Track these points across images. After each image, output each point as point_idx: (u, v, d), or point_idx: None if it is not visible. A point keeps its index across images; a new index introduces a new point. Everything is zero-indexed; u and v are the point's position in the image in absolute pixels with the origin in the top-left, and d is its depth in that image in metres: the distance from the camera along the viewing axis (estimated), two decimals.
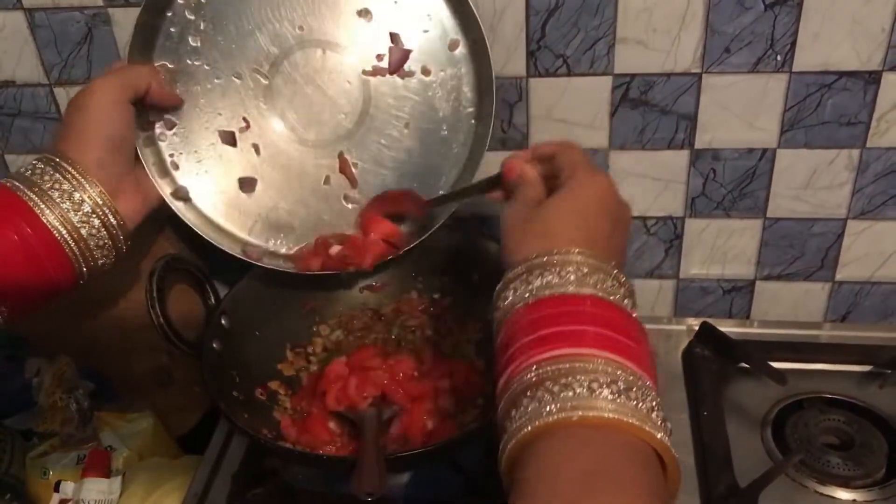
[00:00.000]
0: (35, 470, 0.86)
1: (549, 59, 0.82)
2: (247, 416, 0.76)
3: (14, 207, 0.65)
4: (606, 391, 0.49)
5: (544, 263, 0.56)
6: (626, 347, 0.52)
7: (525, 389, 0.50)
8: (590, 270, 0.55)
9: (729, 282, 0.95)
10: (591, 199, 0.61)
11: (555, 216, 0.59)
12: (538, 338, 0.52)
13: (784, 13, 0.78)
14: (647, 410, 0.49)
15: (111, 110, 0.70)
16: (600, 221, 0.60)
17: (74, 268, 0.67)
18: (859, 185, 0.87)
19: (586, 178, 0.61)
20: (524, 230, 0.60)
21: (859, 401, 0.84)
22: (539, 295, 0.55)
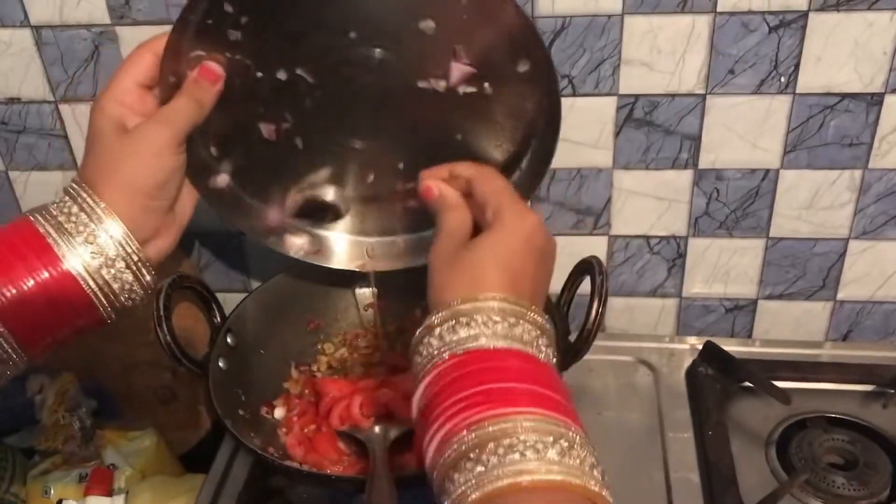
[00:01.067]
0: (37, 488, 0.86)
1: None
2: (253, 434, 0.76)
3: (35, 249, 0.61)
4: (553, 452, 0.49)
5: (470, 311, 0.55)
6: (556, 403, 0.52)
7: (467, 452, 0.49)
8: (515, 320, 0.55)
9: (731, 301, 0.96)
10: (518, 241, 0.60)
11: (482, 259, 0.58)
12: (471, 395, 0.52)
13: (788, 36, 0.79)
14: (590, 467, 0.49)
15: (170, 160, 0.65)
16: (527, 263, 0.59)
17: (98, 310, 0.64)
18: (861, 206, 0.87)
19: (514, 218, 0.60)
20: (450, 271, 0.59)
21: (863, 420, 0.85)
22: (466, 346, 0.54)
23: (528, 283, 0.59)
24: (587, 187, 0.89)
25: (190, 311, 0.87)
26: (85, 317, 0.64)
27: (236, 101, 0.71)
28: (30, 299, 0.60)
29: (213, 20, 0.67)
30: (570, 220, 0.91)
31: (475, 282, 0.57)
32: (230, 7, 0.66)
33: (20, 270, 0.60)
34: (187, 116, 0.66)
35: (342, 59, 0.69)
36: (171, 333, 0.75)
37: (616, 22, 0.79)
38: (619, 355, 0.95)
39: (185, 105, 0.66)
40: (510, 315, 0.55)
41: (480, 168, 0.66)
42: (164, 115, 0.66)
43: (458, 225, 0.63)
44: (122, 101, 0.65)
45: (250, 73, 0.70)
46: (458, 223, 0.63)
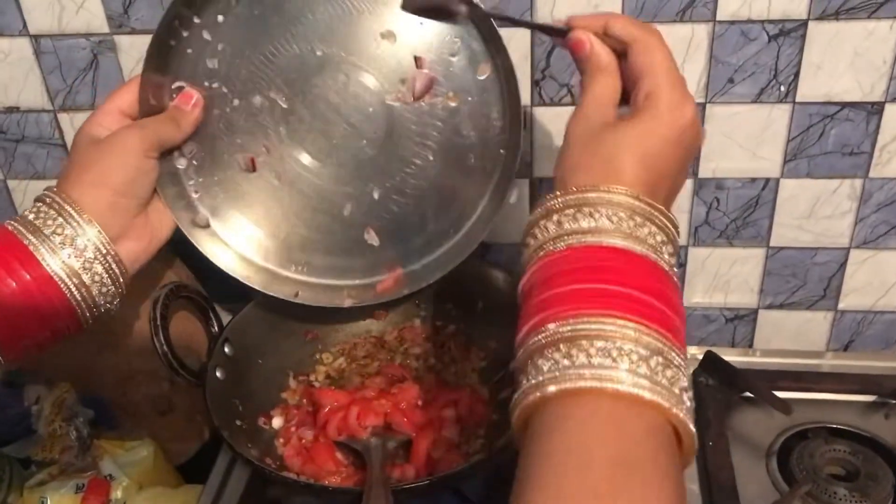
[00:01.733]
0: (33, 499, 0.85)
1: (554, 89, 0.83)
2: (250, 445, 0.76)
3: (14, 253, 0.63)
4: (645, 367, 0.45)
5: (596, 201, 0.51)
6: (667, 317, 0.48)
7: (558, 341, 0.47)
8: (642, 221, 0.51)
9: (732, 310, 0.95)
10: (671, 136, 0.54)
11: (625, 148, 0.53)
12: (581, 290, 0.48)
13: (787, 44, 0.78)
14: (681, 391, 0.47)
15: (137, 159, 0.68)
16: (671, 163, 0.55)
17: (77, 313, 0.66)
18: (862, 215, 0.87)
19: (671, 108, 0.55)
20: (585, 149, 0.54)
21: (864, 431, 0.84)
22: (585, 240, 0.50)
23: (666, 184, 0.55)
24: None
25: (188, 322, 0.87)
26: (65, 319, 0.66)
27: (215, 133, 0.75)
28: (9, 301, 0.62)
29: (193, 49, 0.72)
30: None
31: (610, 169, 0.53)
32: (209, 35, 0.71)
33: (2, 274, 0.62)
34: (161, 128, 0.70)
35: (312, 80, 0.73)
36: (168, 343, 0.75)
37: None
38: None
39: (161, 119, 0.71)
40: (638, 214, 0.51)
41: (643, 30, 0.58)
42: (139, 122, 0.70)
43: (608, 93, 0.58)
44: (100, 122, 0.70)
45: (228, 102, 0.74)
46: (607, 90, 0.58)
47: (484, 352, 0.85)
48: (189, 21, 0.71)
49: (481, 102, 0.72)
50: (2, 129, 0.90)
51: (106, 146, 0.68)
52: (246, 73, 0.73)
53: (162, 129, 0.70)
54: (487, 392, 0.82)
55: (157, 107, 0.72)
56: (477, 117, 0.73)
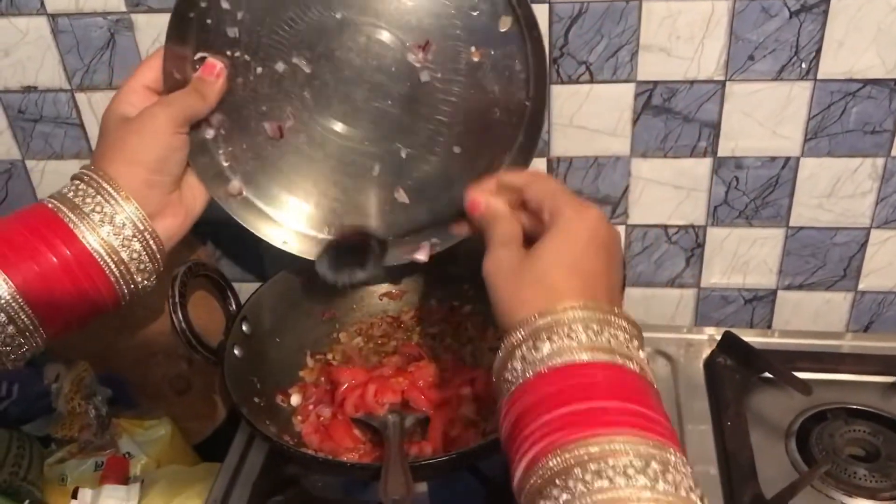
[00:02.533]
0: (53, 476, 0.86)
1: (572, 66, 0.82)
2: (268, 422, 0.76)
3: (55, 230, 0.64)
4: (643, 478, 0.45)
5: (549, 325, 0.52)
6: (648, 419, 0.49)
7: (553, 478, 0.47)
8: (598, 328, 0.52)
9: (750, 291, 0.95)
10: (583, 239, 0.57)
11: (549, 266, 0.56)
12: (558, 417, 0.49)
13: (809, 21, 0.77)
14: (687, 491, 0.46)
15: (167, 137, 0.68)
16: (596, 262, 0.57)
17: (115, 289, 0.67)
18: (883, 194, 0.86)
19: (575, 215, 0.58)
20: (517, 285, 0.56)
21: (884, 412, 0.83)
22: (549, 364, 0.51)
23: (602, 283, 0.56)
24: (604, 176, 0.88)
25: (209, 301, 0.87)
26: (103, 294, 0.66)
27: (240, 101, 0.75)
28: (50, 276, 0.63)
29: (212, 19, 0.71)
30: None
31: (547, 292, 0.54)
32: (227, 4, 0.71)
33: (41, 248, 0.63)
34: (187, 103, 0.70)
35: (333, 43, 0.72)
36: (187, 320, 0.75)
37: (634, 7, 0.78)
38: None
39: (187, 93, 0.71)
40: (592, 322, 0.52)
41: (530, 174, 0.64)
42: (166, 100, 0.70)
43: (510, 235, 0.61)
44: (128, 100, 0.70)
45: (251, 70, 0.74)
46: (508, 233, 0.61)
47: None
48: None
49: (504, 55, 0.71)
50: (20, 108, 0.91)
51: (136, 125, 0.68)
52: (267, 41, 0.72)
53: (188, 103, 0.70)
54: None
55: (181, 80, 0.72)
56: (500, 71, 0.72)
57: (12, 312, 0.62)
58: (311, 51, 0.73)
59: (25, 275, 0.62)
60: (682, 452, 0.49)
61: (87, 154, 0.93)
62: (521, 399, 0.52)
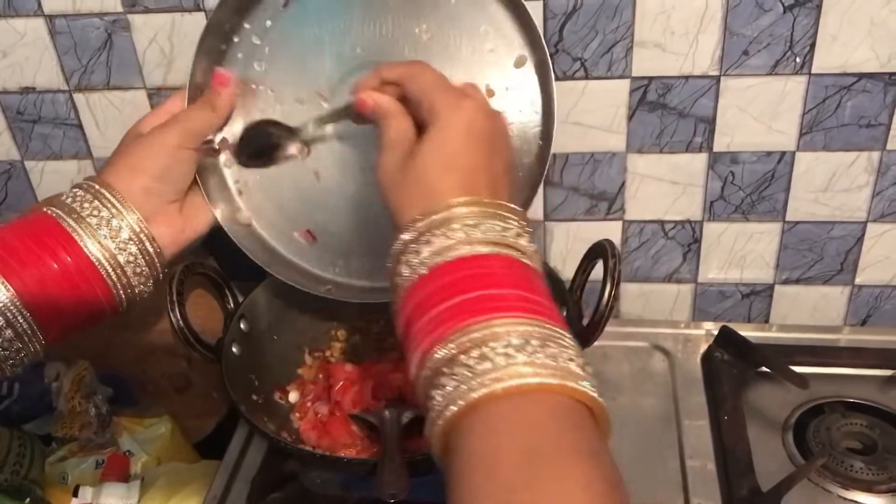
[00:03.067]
0: (54, 475, 0.86)
1: (567, 62, 0.82)
2: (266, 419, 0.76)
3: (54, 235, 0.65)
4: (522, 355, 0.47)
5: (428, 226, 0.53)
6: (527, 301, 0.50)
7: (440, 368, 0.48)
8: (475, 221, 0.53)
9: (748, 286, 0.95)
10: (459, 134, 0.56)
11: (426, 166, 0.56)
12: (439, 312, 0.50)
13: (803, 15, 0.78)
14: (566, 361, 0.47)
15: (174, 149, 0.69)
16: (474, 155, 0.56)
17: (113, 294, 0.67)
18: (879, 188, 0.86)
19: (448, 109, 0.57)
20: (401, 188, 0.57)
21: (881, 405, 0.84)
22: (430, 264, 0.52)
23: (482, 176, 0.56)
24: (601, 172, 0.88)
25: (207, 300, 0.87)
26: (102, 301, 0.67)
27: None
28: (50, 282, 0.64)
29: (243, 53, 0.73)
30: (583, 205, 0.91)
31: (426, 192, 0.55)
32: (258, 40, 0.73)
33: (41, 255, 0.64)
34: (198, 116, 0.71)
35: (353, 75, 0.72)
36: (184, 318, 0.76)
37: (628, 3, 0.78)
38: (634, 341, 0.94)
39: (198, 107, 0.72)
40: (469, 218, 0.53)
41: (408, 65, 0.62)
42: (178, 116, 0.71)
43: (399, 134, 0.60)
44: (147, 122, 0.72)
45: (271, 104, 0.75)
46: (397, 132, 0.60)
47: None
48: (239, 27, 0.73)
49: (519, 94, 0.72)
50: (18, 109, 0.91)
51: (145, 138, 0.69)
52: (290, 76, 0.74)
53: (198, 116, 0.71)
54: None
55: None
56: (513, 109, 0.72)
57: (11, 317, 0.62)
58: (329, 85, 0.73)
59: (25, 280, 0.62)
60: (563, 327, 0.50)
61: (86, 154, 0.93)
62: (409, 301, 0.53)
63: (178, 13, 0.83)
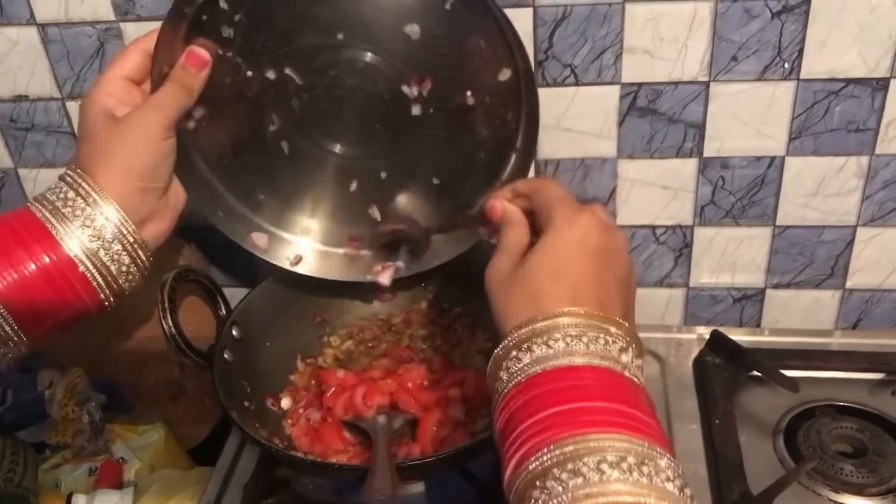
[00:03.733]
0: (47, 482, 0.86)
1: (557, 69, 0.83)
2: (258, 426, 0.76)
3: (35, 235, 0.64)
4: (616, 472, 0.46)
5: (529, 335, 0.53)
6: (625, 417, 0.49)
7: (533, 480, 0.48)
8: (578, 333, 0.53)
9: (739, 290, 0.95)
10: (570, 245, 0.57)
11: (535, 274, 0.57)
12: (536, 422, 0.50)
13: (791, 21, 0.78)
14: (663, 482, 0.46)
15: (160, 143, 0.67)
16: (585, 267, 0.56)
17: (98, 294, 0.66)
18: (868, 192, 0.87)
19: (563, 221, 0.58)
20: (509, 293, 0.57)
21: (872, 408, 0.84)
22: (529, 372, 0.52)
23: (592, 288, 0.56)
24: (591, 177, 0.89)
25: (199, 306, 0.88)
26: (86, 300, 0.66)
27: (225, 100, 0.73)
28: (31, 283, 0.63)
29: (208, 16, 0.69)
30: None
31: (533, 300, 0.55)
32: (225, 4, 0.69)
33: (21, 255, 0.63)
34: (176, 102, 0.68)
35: (330, 61, 0.72)
36: (176, 325, 0.76)
37: (617, 10, 0.79)
38: None
39: (173, 91, 0.68)
40: (572, 329, 0.53)
41: (538, 180, 0.65)
42: (154, 102, 0.68)
43: (515, 241, 0.61)
44: (109, 92, 0.68)
45: (241, 72, 0.72)
46: (514, 239, 0.61)
47: (489, 333, 0.86)
48: None
49: (499, 104, 0.72)
50: (11, 117, 0.91)
51: (129, 130, 0.67)
52: (261, 47, 0.71)
53: (176, 101, 0.68)
54: None
55: (167, 74, 0.70)
56: (492, 117, 0.72)
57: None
58: (305, 64, 0.72)
59: (7, 283, 0.62)
60: (669, 452, 0.49)
61: None
62: (506, 408, 0.53)
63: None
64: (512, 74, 0.69)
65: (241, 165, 0.78)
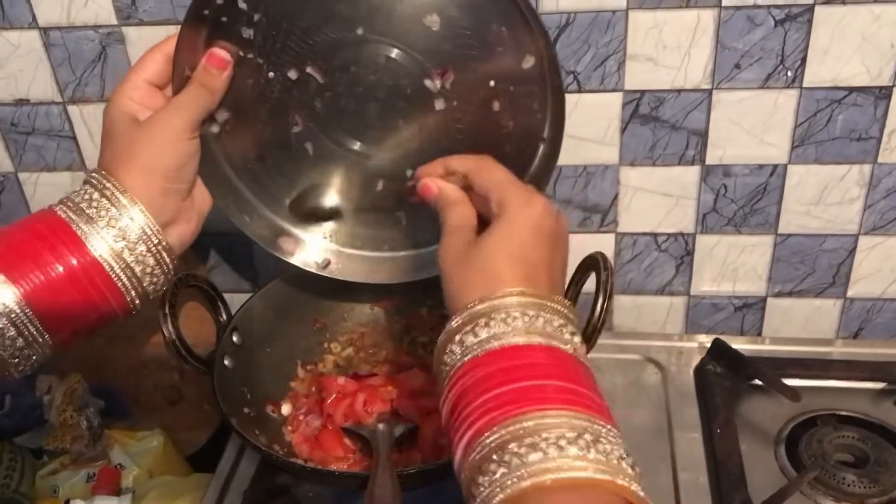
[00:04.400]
0: (45, 488, 0.86)
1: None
2: (258, 432, 0.76)
3: (61, 237, 0.63)
4: (574, 448, 0.47)
5: (488, 310, 0.55)
6: (580, 395, 0.51)
7: (490, 454, 0.49)
8: (535, 313, 0.55)
9: (740, 298, 0.95)
10: (528, 229, 0.59)
11: (493, 255, 0.58)
12: (494, 396, 0.51)
13: (794, 29, 0.78)
14: (618, 460, 0.48)
15: (184, 144, 0.67)
16: (540, 251, 0.59)
17: (124, 296, 0.65)
18: (871, 201, 0.86)
19: (520, 207, 0.60)
20: (463, 272, 0.58)
21: (873, 418, 0.84)
22: (487, 347, 0.53)
23: (544, 272, 0.58)
24: (594, 184, 0.89)
25: (200, 312, 0.87)
26: (111, 302, 0.65)
27: (248, 102, 0.73)
28: (57, 285, 0.62)
29: (228, 17, 0.69)
30: (576, 217, 0.91)
31: (490, 279, 0.57)
32: (244, 4, 0.68)
33: (47, 257, 0.62)
34: (199, 103, 0.68)
35: (351, 58, 0.71)
36: (177, 331, 0.76)
37: (621, 17, 0.79)
38: (626, 354, 0.94)
39: (195, 92, 0.69)
40: (529, 308, 0.55)
41: (476, 159, 0.65)
42: (177, 103, 0.68)
43: (462, 221, 0.62)
44: (132, 96, 0.68)
45: (262, 73, 0.72)
46: (461, 219, 0.62)
47: None
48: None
49: (524, 94, 0.70)
50: (12, 121, 0.91)
51: (149, 132, 0.67)
52: (282, 46, 0.70)
53: (199, 103, 0.68)
54: None
55: (189, 77, 0.70)
56: (517, 108, 0.71)
57: (20, 325, 0.61)
58: (326, 62, 0.71)
59: (33, 285, 0.61)
60: (613, 424, 0.51)
61: (80, 166, 0.93)
62: (460, 381, 0.54)
63: (173, 26, 0.83)
64: (536, 61, 0.68)
65: (267, 170, 0.77)
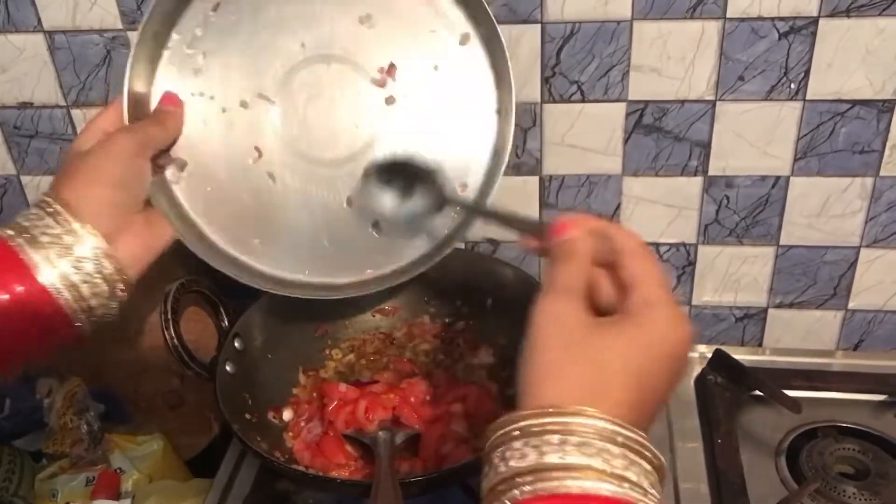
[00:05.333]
0: (44, 491, 0.86)
1: (564, 86, 0.83)
2: (259, 438, 0.76)
3: (7, 264, 0.60)
4: None
5: (575, 428, 0.43)
6: None
7: None
8: (632, 458, 0.43)
9: (741, 309, 0.95)
10: (665, 353, 0.47)
11: (616, 357, 0.46)
12: None
13: (798, 42, 0.78)
14: None
15: (130, 157, 0.66)
16: (662, 383, 0.47)
17: (71, 321, 0.62)
18: (872, 214, 0.87)
19: (670, 322, 0.48)
20: (566, 354, 0.47)
21: (874, 430, 0.84)
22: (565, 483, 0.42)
23: (651, 409, 0.47)
24: (596, 194, 0.89)
25: (202, 318, 0.87)
26: (61, 328, 0.62)
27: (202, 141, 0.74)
28: (4, 315, 0.59)
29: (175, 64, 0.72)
30: None
31: (597, 383, 0.45)
32: (189, 49, 0.72)
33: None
34: (148, 131, 0.70)
35: (297, 78, 0.73)
36: (179, 336, 0.76)
37: (625, 28, 0.79)
38: None
39: (147, 122, 0.71)
40: (629, 449, 0.43)
41: (631, 238, 0.52)
42: (126, 127, 0.70)
43: (579, 283, 0.50)
44: (87, 140, 0.68)
45: (215, 110, 0.74)
46: (578, 280, 0.50)
47: (493, 348, 0.85)
48: (166, 38, 0.72)
49: (469, 71, 0.73)
50: (15, 124, 0.91)
51: (96, 148, 0.66)
52: (230, 79, 0.73)
53: (149, 131, 0.69)
54: (496, 387, 0.82)
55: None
56: (466, 87, 0.73)
57: None
58: (275, 85, 0.73)
59: None
60: None
61: None
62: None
63: None
64: (476, 39, 0.71)
65: (233, 214, 0.76)
